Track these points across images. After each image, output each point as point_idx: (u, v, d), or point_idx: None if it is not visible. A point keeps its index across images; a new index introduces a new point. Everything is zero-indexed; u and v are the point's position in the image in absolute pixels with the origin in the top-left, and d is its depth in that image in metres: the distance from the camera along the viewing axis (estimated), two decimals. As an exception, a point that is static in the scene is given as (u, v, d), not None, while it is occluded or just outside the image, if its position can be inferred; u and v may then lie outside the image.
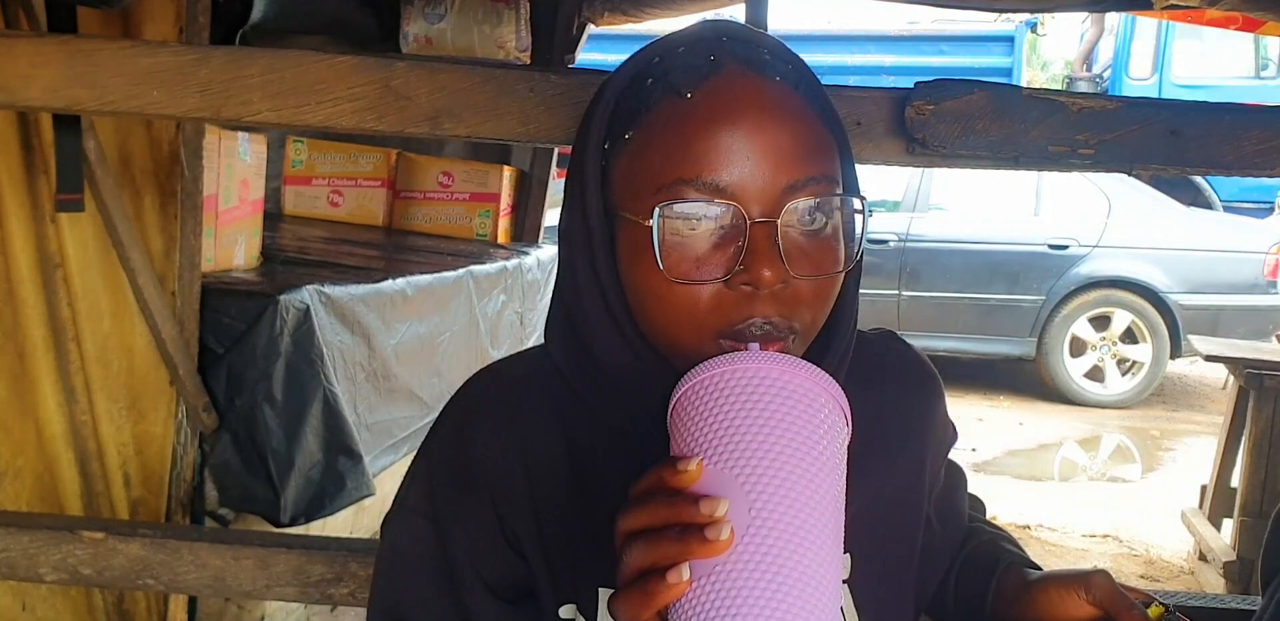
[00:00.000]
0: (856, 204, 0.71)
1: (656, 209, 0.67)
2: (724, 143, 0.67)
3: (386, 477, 2.57)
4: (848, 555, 0.80)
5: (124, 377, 1.89)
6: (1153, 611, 0.75)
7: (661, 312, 0.70)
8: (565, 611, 0.78)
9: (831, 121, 0.73)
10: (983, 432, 5.27)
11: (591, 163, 0.73)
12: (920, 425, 0.87)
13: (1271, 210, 7.60)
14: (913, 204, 6.29)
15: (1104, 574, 0.78)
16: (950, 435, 0.92)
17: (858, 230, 0.71)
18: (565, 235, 0.76)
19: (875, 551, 0.81)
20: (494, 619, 0.79)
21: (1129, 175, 5.88)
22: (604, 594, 0.76)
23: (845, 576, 0.80)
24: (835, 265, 0.70)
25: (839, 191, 0.70)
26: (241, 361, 1.96)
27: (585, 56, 3.94)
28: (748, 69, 0.69)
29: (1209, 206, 8.49)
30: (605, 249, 0.73)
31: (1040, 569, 0.87)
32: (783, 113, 0.69)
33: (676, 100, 0.69)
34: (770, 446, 0.56)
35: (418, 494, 0.81)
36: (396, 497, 0.83)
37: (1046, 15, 8.05)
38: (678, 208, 0.67)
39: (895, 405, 0.85)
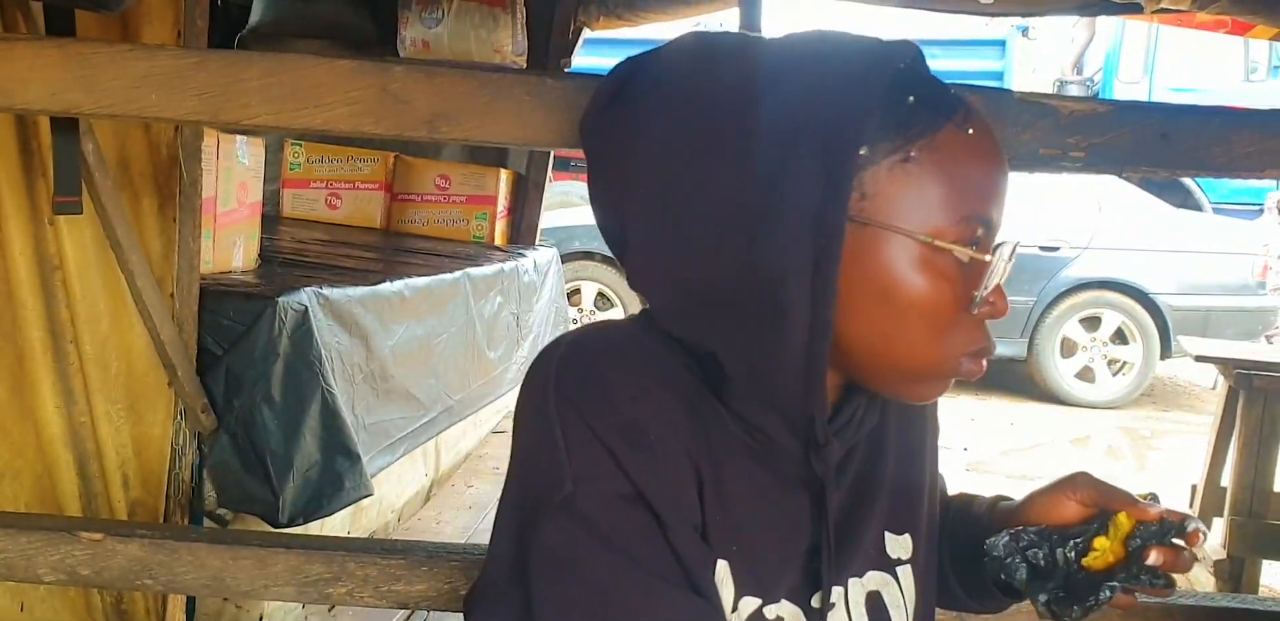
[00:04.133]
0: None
1: (1004, 245, 0.73)
2: (998, 182, 0.74)
3: (384, 478, 2.58)
4: (907, 535, 0.85)
5: (123, 379, 1.90)
6: (1140, 496, 0.82)
7: (914, 336, 0.73)
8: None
9: None
10: (974, 432, 5.28)
11: (845, 161, 0.68)
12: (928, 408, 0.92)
13: (1260, 212, 7.63)
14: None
15: (1085, 474, 0.86)
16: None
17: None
18: (765, 237, 0.69)
19: (928, 531, 0.87)
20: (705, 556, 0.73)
21: (1119, 177, 5.90)
22: (723, 565, 0.74)
23: (907, 556, 0.84)
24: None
25: None
26: (240, 363, 1.97)
27: (581, 60, 3.96)
28: (978, 111, 0.75)
29: (1199, 208, 8.53)
30: (835, 260, 0.69)
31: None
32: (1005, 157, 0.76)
33: (959, 133, 0.72)
34: None
35: (600, 466, 0.70)
36: (556, 476, 0.70)
37: (1037, 19, 8.06)
38: (978, 241, 0.73)
39: None
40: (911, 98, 0.71)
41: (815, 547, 0.79)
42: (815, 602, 0.79)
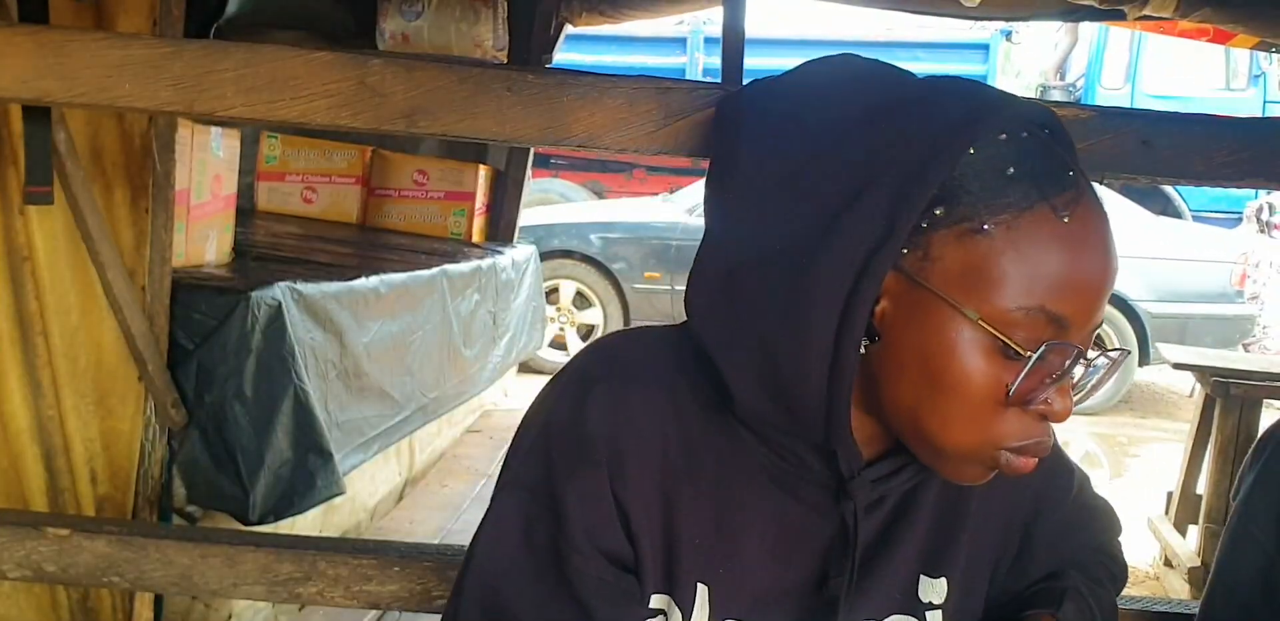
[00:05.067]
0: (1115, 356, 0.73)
1: (1045, 346, 0.67)
2: (1083, 282, 0.68)
3: (357, 476, 2.56)
4: (943, 579, 0.83)
5: (92, 372, 1.87)
6: None
7: (951, 418, 0.70)
8: (656, 601, 0.77)
9: None
10: (952, 437, 5.30)
11: (908, 212, 0.67)
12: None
13: (1239, 220, 7.70)
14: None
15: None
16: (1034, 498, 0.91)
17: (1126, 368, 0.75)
18: (813, 263, 0.69)
19: (968, 578, 0.84)
20: (611, 586, 0.76)
21: (1100, 184, 5.93)
22: (702, 589, 0.76)
23: (940, 601, 0.82)
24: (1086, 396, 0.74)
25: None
26: (212, 358, 1.95)
27: (563, 57, 3.95)
28: (1095, 201, 0.70)
29: (1178, 216, 8.60)
30: (865, 302, 0.69)
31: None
32: (1114, 254, 0.70)
33: (1051, 218, 0.67)
34: None
35: (531, 470, 0.77)
36: (505, 474, 0.80)
37: (1021, 24, 8.11)
38: (1052, 347, 0.68)
39: None
40: (1013, 169, 0.68)
41: (824, 578, 0.78)
42: None
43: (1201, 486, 3.31)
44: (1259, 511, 0.98)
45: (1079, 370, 0.70)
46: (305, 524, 2.35)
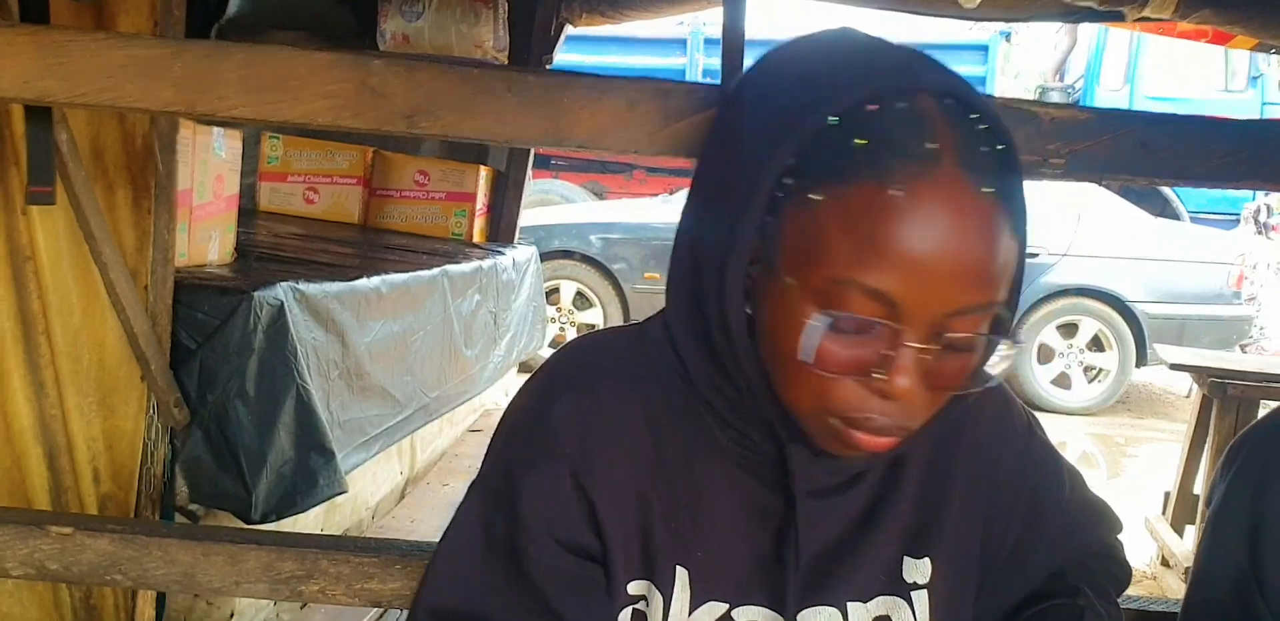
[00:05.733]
0: (1005, 348, 0.70)
1: (817, 314, 0.66)
2: (914, 260, 0.64)
3: (359, 475, 2.57)
4: (927, 559, 0.83)
5: (95, 372, 1.88)
6: None
7: (787, 380, 0.70)
8: (636, 587, 0.79)
9: (1022, 229, 0.69)
10: (951, 437, 5.30)
11: (765, 183, 0.68)
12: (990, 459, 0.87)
13: (1237, 222, 7.70)
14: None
15: None
16: (1034, 470, 0.90)
17: (1000, 362, 0.71)
18: (714, 242, 0.72)
19: (958, 557, 0.84)
20: (571, 574, 0.78)
21: (1099, 185, 5.94)
22: (681, 572, 0.78)
23: (925, 581, 0.83)
24: (968, 382, 0.70)
25: (1001, 316, 0.69)
26: (214, 357, 1.95)
27: (563, 58, 3.95)
28: (964, 174, 0.65)
29: (1176, 217, 8.61)
30: (734, 274, 0.71)
31: None
32: (980, 237, 0.65)
33: (880, 192, 0.64)
34: None
35: (494, 467, 0.81)
36: (481, 467, 0.83)
37: (1020, 25, 8.11)
38: (844, 317, 0.66)
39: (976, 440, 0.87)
40: (863, 139, 0.65)
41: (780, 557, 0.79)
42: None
43: (1199, 486, 3.31)
44: (1230, 523, 0.98)
45: (907, 354, 0.66)
46: (307, 522, 2.35)
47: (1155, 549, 3.47)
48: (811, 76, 0.70)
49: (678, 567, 0.78)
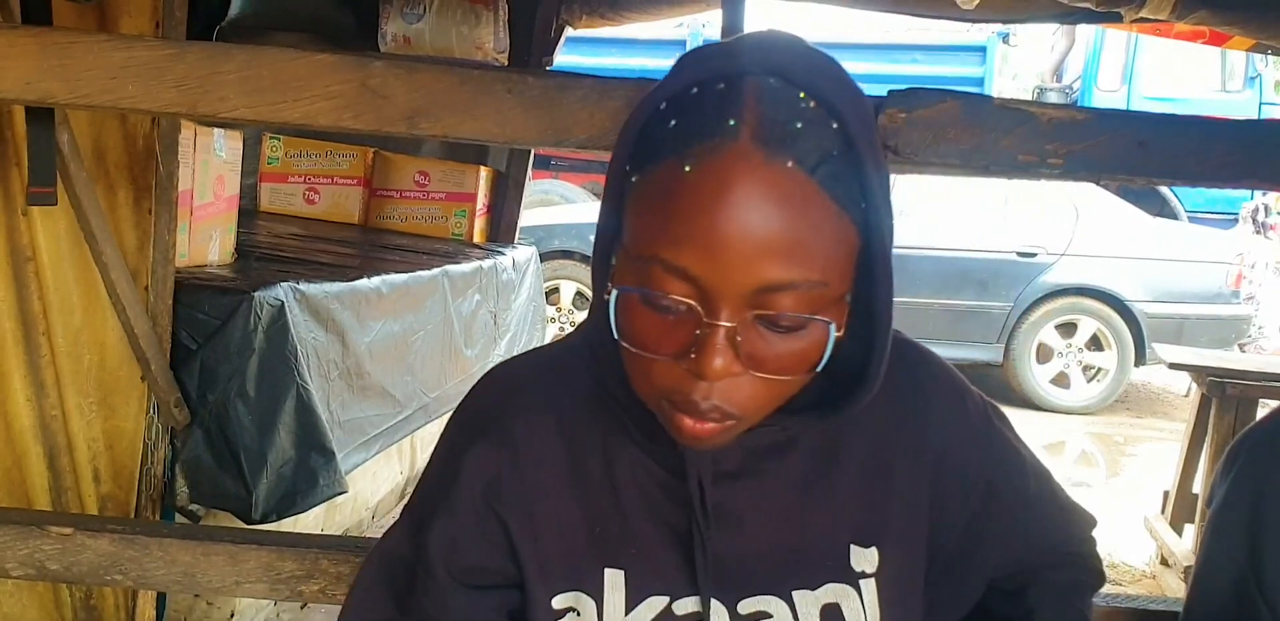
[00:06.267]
0: (818, 332, 0.67)
1: (614, 290, 0.68)
2: (703, 233, 0.63)
3: (359, 475, 2.57)
4: (874, 548, 0.83)
5: (95, 372, 1.88)
6: None
7: (627, 364, 0.72)
8: (560, 601, 0.80)
9: (851, 206, 0.67)
10: (950, 437, 5.29)
11: (615, 179, 0.71)
12: (931, 438, 0.85)
13: (1235, 221, 7.71)
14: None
15: None
16: (988, 460, 0.89)
17: (828, 347, 0.68)
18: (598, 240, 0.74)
19: (905, 546, 0.84)
20: (460, 606, 0.83)
21: (1097, 185, 5.95)
22: (612, 573, 0.79)
23: (872, 570, 0.83)
24: (798, 366, 0.68)
25: (823, 292, 0.66)
26: (214, 357, 1.96)
27: (563, 59, 3.95)
28: (761, 148, 0.63)
29: (1175, 217, 8.61)
30: (603, 263, 0.74)
31: None
32: (778, 209, 0.63)
33: (676, 169, 0.65)
34: None
35: (414, 497, 0.87)
36: (406, 504, 0.90)
37: (1018, 26, 8.12)
38: (644, 293, 0.66)
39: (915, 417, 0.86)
40: (675, 121, 0.66)
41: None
42: (742, 609, 0.80)
43: (1198, 486, 3.31)
44: (1231, 523, 0.98)
45: (716, 332, 0.65)
46: (307, 522, 2.36)
47: (1154, 548, 3.47)
48: (670, 70, 0.72)
49: (606, 570, 0.79)
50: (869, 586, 0.82)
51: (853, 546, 0.82)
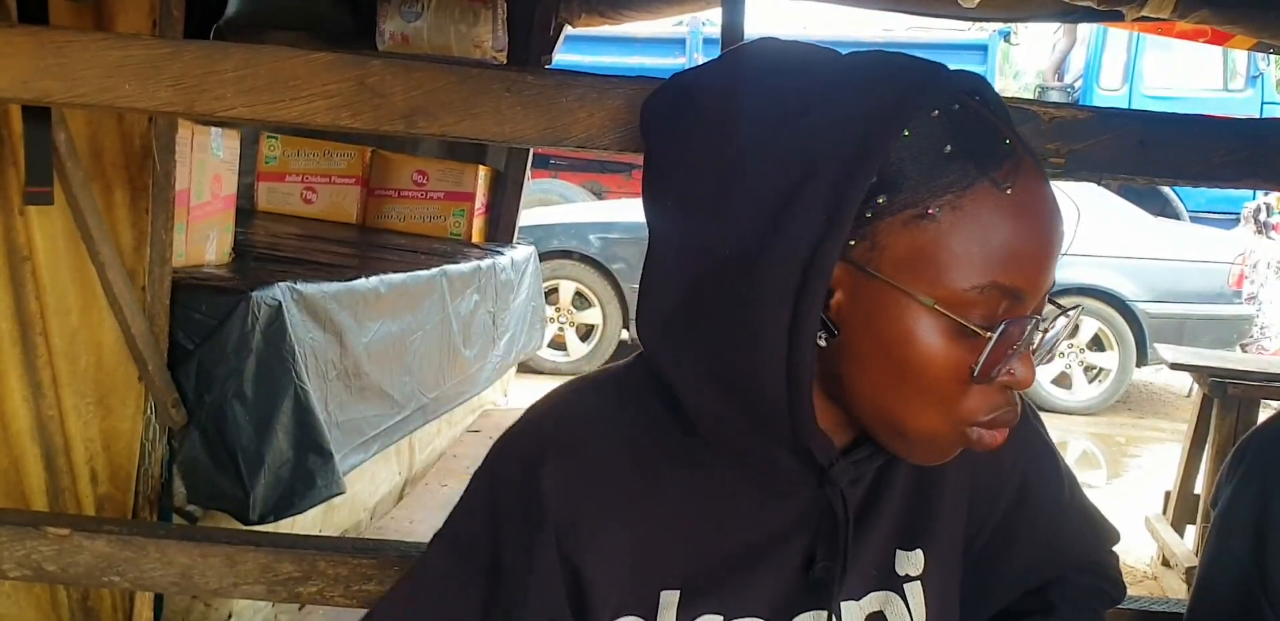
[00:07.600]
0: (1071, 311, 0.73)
1: (1004, 324, 0.66)
2: (1035, 250, 0.68)
3: (356, 476, 2.56)
4: (919, 550, 0.82)
5: (92, 372, 1.87)
6: None
7: (919, 396, 0.69)
8: None
9: None
10: (951, 437, 5.30)
11: (847, 204, 0.65)
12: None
13: (1237, 221, 7.70)
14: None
15: None
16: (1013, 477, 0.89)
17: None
18: (756, 265, 0.68)
19: (947, 546, 0.83)
20: None
21: (1098, 184, 5.94)
22: (666, 595, 0.76)
23: (917, 573, 0.82)
24: (1045, 357, 0.73)
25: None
26: (212, 357, 1.95)
27: (562, 58, 3.95)
28: (1033, 165, 0.69)
29: (1176, 217, 8.61)
30: (815, 299, 0.67)
31: None
32: (1061, 215, 0.71)
33: (994, 191, 0.66)
34: None
35: (477, 526, 0.78)
36: (450, 522, 0.81)
37: (1020, 25, 8.13)
38: (1017, 321, 0.67)
39: None
40: (949, 146, 0.66)
41: (806, 565, 0.78)
42: None
43: (1199, 486, 3.31)
44: (1236, 525, 0.98)
45: (1038, 337, 0.70)
46: (305, 523, 2.35)
47: (1156, 548, 3.46)
48: (834, 94, 0.68)
49: (661, 592, 0.76)
50: (914, 590, 0.81)
51: (898, 550, 0.82)
